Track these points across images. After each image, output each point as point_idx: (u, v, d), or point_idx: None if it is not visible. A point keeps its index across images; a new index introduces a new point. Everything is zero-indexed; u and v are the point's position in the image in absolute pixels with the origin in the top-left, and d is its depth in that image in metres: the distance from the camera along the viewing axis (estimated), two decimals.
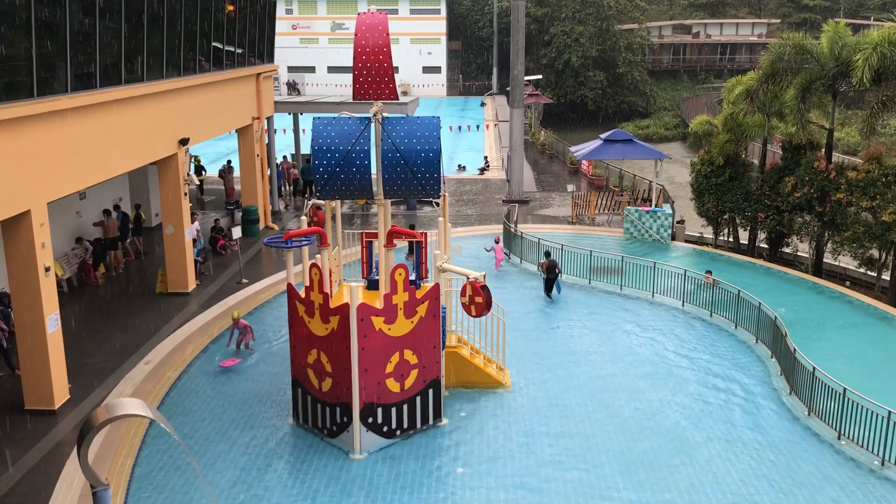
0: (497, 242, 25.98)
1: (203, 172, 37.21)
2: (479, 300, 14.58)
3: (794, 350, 16.50)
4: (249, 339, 18.78)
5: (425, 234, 17.46)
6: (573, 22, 78.17)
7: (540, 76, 72.05)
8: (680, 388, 17.08)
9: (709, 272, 22.51)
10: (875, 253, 25.15)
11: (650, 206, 29.88)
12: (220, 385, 17.14)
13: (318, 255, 15.20)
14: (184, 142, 21.96)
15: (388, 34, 15.06)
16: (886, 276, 25.29)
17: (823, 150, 26.32)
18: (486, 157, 46.41)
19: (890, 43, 23.01)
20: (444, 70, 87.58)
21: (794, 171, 26.34)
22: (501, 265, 25.65)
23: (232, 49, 26.54)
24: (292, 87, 75.61)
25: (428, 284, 15.54)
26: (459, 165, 43.70)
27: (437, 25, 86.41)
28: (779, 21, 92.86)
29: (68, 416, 15.75)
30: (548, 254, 23.50)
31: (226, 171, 35.30)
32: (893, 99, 23.78)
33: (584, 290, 23.67)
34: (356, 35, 15.17)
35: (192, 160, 35.15)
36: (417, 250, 17.36)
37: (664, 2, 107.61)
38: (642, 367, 18.16)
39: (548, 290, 22.81)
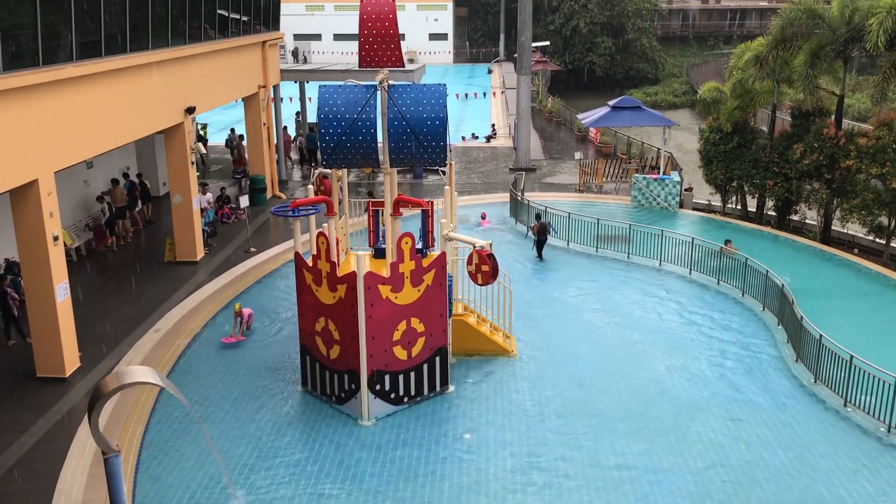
0: (483, 218, 26.73)
1: (205, 142, 37.08)
2: (485, 269, 14.56)
3: (801, 318, 16.47)
4: (250, 323, 18.49)
5: (431, 202, 17.40)
6: None
7: (547, 42, 71.29)
8: (688, 355, 17.10)
9: (728, 242, 22.46)
10: (884, 220, 24.94)
11: (658, 173, 29.69)
12: (229, 353, 17.24)
13: (324, 224, 15.18)
14: (190, 110, 21.86)
15: (393, 1, 14.89)
16: (895, 244, 25.11)
17: (833, 116, 26.03)
18: (493, 125, 46.12)
19: None
20: (450, 37, 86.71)
21: (803, 138, 26.06)
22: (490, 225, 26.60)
23: (237, 17, 26.31)
24: (296, 55, 75.20)
25: (434, 253, 15.54)
26: (473, 134, 43.44)
27: None
28: None
29: (79, 383, 15.89)
30: (538, 216, 24.05)
31: (233, 140, 35.19)
32: None
33: (592, 258, 23.62)
34: (362, 2, 15.01)
35: (199, 129, 35.04)
36: (424, 219, 17.31)
37: None
38: (650, 335, 18.16)
39: (539, 251, 23.43)
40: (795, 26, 25.56)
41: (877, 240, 26.05)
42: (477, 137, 43.13)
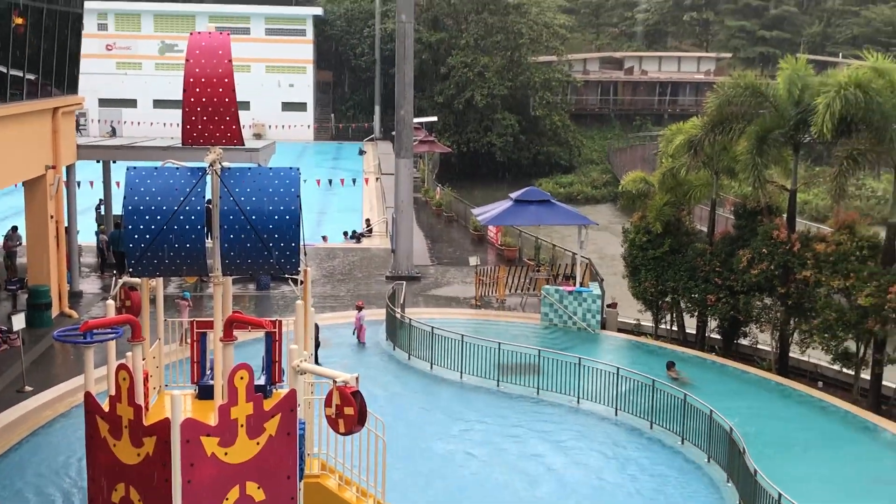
0: (359, 310, 27.06)
1: None
2: (348, 412, 14.31)
3: (755, 472, 16.86)
4: None
5: (279, 322, 17.20)
6: (476, 51, 79.87)
7: (435, 118, 73.38)
8: None
9: (671, 365, 23.22)
10: (851, 345, 25.78)
11: (574, 284, 30.49)
12: None
13: (128, 354, 14.72)
14: None
15: (230, 60, 15.04)
16: (866, 376, 25.92)
17: (785, 215, 27.29)
18: (367, 220, 46.69)
19: (857, 86, 23.64)
20: (310, 107, 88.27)
21: (749, 243, 27.19)
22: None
23: (18, 74, 25.98)
24: (78, 125, 75.06)
25: (281, 391, 15.24)
26: (349, 233, 43.99)
27: (303, 50, 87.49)
28: (730, 56, 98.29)
29: None
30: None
31: (14, 240, 34.21)
32: (866, 154, 24.76)
33: (491, 394, 23.72)
34: (188, 61, 15.08)
35: None
36: (268, 345, 17.07)
37: (589, 29, 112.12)
38: (565, 497, 18.20)
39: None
40: (736, 105, 26.83)
41: (844, 370, 26.93)
42: (359, 238, 43.75)
